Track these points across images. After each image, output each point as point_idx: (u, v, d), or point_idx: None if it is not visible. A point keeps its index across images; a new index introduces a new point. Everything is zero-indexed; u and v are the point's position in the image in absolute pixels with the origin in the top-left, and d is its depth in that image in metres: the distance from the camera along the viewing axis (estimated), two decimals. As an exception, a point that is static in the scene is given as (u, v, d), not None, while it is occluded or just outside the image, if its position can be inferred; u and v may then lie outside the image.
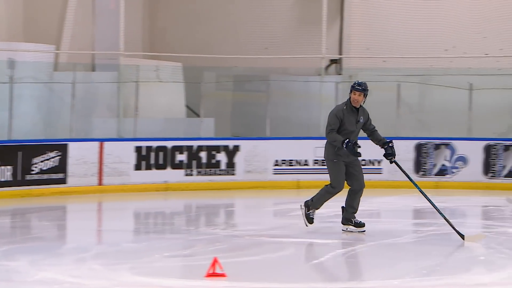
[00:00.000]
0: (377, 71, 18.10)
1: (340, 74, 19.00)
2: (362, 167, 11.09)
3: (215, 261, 7.95)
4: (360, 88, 10.67)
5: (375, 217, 13.64)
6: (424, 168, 16.71)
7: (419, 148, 16.75)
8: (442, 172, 16.65)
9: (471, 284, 7.82)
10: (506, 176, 16.33)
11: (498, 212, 13.22)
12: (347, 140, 10.39)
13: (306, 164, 16.66)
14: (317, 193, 10.76)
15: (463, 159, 16.58)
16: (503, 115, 17.44)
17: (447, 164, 16.65)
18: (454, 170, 16.62)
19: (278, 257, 9.27)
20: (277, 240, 10.26)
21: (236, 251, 9.64)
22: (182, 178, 16.18)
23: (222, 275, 7.90)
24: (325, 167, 13.72)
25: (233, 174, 16.48)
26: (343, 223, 10.65)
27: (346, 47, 19.35)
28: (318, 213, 13.11)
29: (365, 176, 16.32)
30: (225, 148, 16.49)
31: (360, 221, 10.57)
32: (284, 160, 16.65)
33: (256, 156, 16.61)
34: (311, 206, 10.73)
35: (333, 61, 19.28)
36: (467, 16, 18.92)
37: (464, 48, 18.57)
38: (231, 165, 16.46)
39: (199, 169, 16.27)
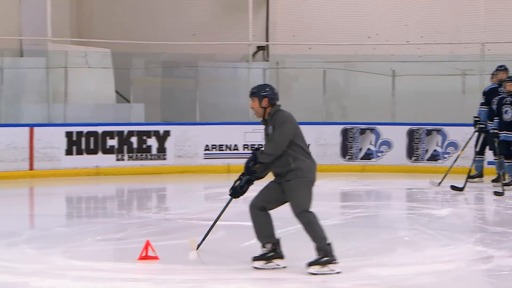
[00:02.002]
0: (303, 57, 18.21)
1: (267, 61, 19.07)
2: None
3: (147, 244, 7.93)
4: (250, 93, 8.03)
5: (303, 200, 13.73)
6: (351, 153, 16.89)
7: (345, 133, 16.92)
8: (368, 156, 16.86)
9: (396, 264, 7.95)
10: (428, 159, 16.61)
11: (422, 195, 13.43)
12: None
13: (236, 149, 16.70)
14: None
15: (387, 143, 16.81)
16: (424, 100, 17.70)
17: (372, 148, 16.86)
18: (379, 154, 16.84)
19: (209, 240, 9.27)
20: (208, 223, 10.23)
21: (168, 234, 9.63)
22: (114, 163, 16.07)
23: (154, 257, 7.89)
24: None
25: (164, 159, 16.43)
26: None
27: (272, 34, 19.42)
28: (248, 196, 13.14)
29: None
30: (156, 133, 16.41)
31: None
32: (214, 145, 16.65)
33: (186, 141, 16.58)
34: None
35: (260, 48, 19.32)
36: (389, 5, 19.16)
37: (387, 35, 18.80)
38: (162, 150, 16.40)
39: (130, 154, 16.17)
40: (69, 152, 15.61)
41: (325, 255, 7.51)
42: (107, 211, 12.07)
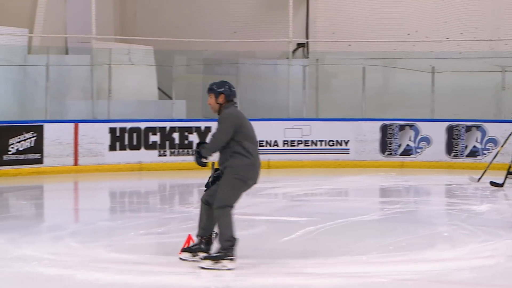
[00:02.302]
0: (342, 54, 18.14)
1: (306, 58, 19.02)
2: (331, 147, 10.29)
3: (189, 238, 7.95)
4: (207, 89, 8.10)
5: (343, 196, 13.74)
6: (390, 149, 16.81)
7: (384, 129, 16.83)
8: (407, 152, 16.76)
9: (435, 260, 7.90)
10: (467, 155, 16.47)
11: (461, 190, 13.33)
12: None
13: (276, 145, 16.69)
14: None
15: (426, 140, 16.69)
16: (464, 97, 17.56)
17: (412, 144, 16.76)
18: (418, 150, 16.73)
19: (250, 234, 9.29)
20: (249, 218, 10.28)
21: (209, 229, 9.63)
22: (156, 158, 16.16)
23: (196, 251, 7.91)
24: (294, 147, 13.78)
25: (205, 155, 16.43)
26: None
27: (312, 31, 19.36)
28: (288, 191, 13.16)
29: (333, 156, 16.41)
30: (197, 129, 16.47)
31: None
32: (255, 141, 16.62)
33: (227, 137, 16.57)
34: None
35: (300, 45, 19.28)
36: (429, 2, 19.00)
37: (426, 32, 18.66)
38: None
39: (172, 150, 16.25)
40: (112, 147, 15.73)
41: (220, 251, 7.50)
42: (149, 206, 12.13)
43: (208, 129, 16.50)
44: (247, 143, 7.88)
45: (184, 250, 7.78)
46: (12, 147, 14.86)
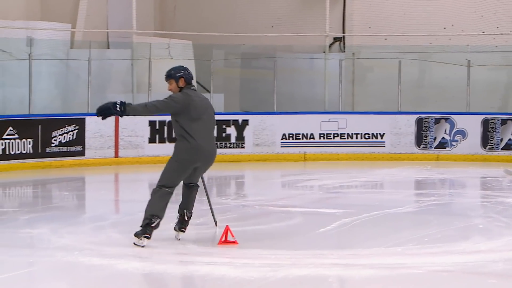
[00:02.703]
0: (379, 48, 18.05)
1: (343, 52, 18.96)
2: (366, 140, 10.47)
3: (227, 230, 7.99)
4: (165, 76, 8.38)
5: (378, 188, 13.69)
6: (425, 141, 16.71)
7: (420, 122, 16.74)
8: (442, 145, 16.65)
9: (470, 251, 7.85)
10: (503, 148, 16.33)
11: (496, 183, 13.22)
12: None
13: (312, 138, 16.67)
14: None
15: (462, 133, 16.57)
16: (499, 91, 17.41)
17: (447, 137, 16.64)
18: (453, 143, 16.61)
19: (286, 226, 9.31)
20: (285, 210, 10.30)
21: (247, 220, 9.67)
22: (194, 151, 16.20)
23: (234, 242, 7.95)
24: (330, 140, 13.60)
25: (242, 147, 16.51)
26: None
27: (348, 26, 19.28)
28: (324, 184, 13.16)
29: (368, 149, 16.44)
30: (235, 122, 16.50)
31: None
32: (291, 134, 16.66)
33: (264, 130, 16.64)
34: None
35: (336, 39, 19.21)
36: (465, -5, 18.86)
37: (462, 26, 18.50)
38: (240, 138, 16.49)
39: (210, 142, 16.29)
40: (152, 140, 15.81)
41: (141, 227, 7.87)
42: (188, 197, 12.16)
43: (245, 122, 16.53)
44: (193, 126, 8.04)
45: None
46: (55, 140, 15.02)
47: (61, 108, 16.41)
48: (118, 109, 7.94)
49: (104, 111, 8.03)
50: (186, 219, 8.34)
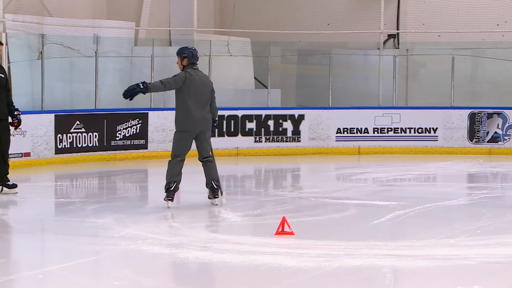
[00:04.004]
0: (432, 45, 17.89)
1: (397, 48, 18.80)
2: (419, 134, 10.59)
3: (283, 221, 7.99)
4: (176, 52, 9.55)
5: (431, 181, 13.56)
6: (478, 136, 16.51)
7: (472, 117, 16.55)
8: (495, 139, 16.43)
9: (523, 244, 7.73)
10: (556, 142, 16.06)
11: (549, 177, 13.01)
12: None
13: (366, 132, 16.59)
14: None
15: (514, 127, 16.35)
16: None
17: (499, 132, 16.41)
18: (506, 138, 16.37)
19: (341, 217, 9.28)
20: (340, 202, 10.26)
21: (302, 212, 9.66)
22: (252, 145, 16.28)
23: (290, 233, 7.94)
24: (384, 135, 13.42)
25: (298, 141, 16.51)
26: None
27: (402, 23, 19.11)
28: (377, 176, 13.10)
29: (421, 143, 16.34)
30: (291, 117, 16.50)
31: None
32: (346, 128, 16.60)
33: (319, 124, 16.61)
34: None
35: (391, 36, 19.06)
36: (518, -8, 18.55)
37: (515, 22, 18.25)
38: (296, 132, 16.49)
39: (267, 136, 16.33)
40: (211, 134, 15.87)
41: (165, 193, 9.45)
42: (245, 189, 12.22)
43: (301, 116, 16.51)
44: (189, 100, 9.35)
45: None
46: (119, 133, 15.19)
47: (125, 103, 16.54)
48: (141, 86, 9.16)
49: (130, 92, 9.25)
50: (215, 186, 9.65)
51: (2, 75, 10.63)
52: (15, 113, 10.70)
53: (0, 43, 10.99)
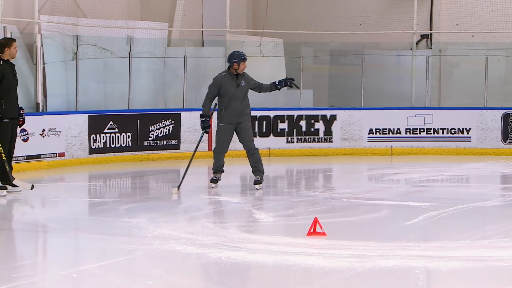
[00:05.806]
0: (466, 45, 17.77)
1: (430, 48, 18.69)
2: (452, 135, 10.67)
3: (315, 221, 7.98)
4: (246, 58, 11.33)
5: (464, 182, 13.46)
6: (511, 137, 16.37)
7: (506, 118, 16.42)
8: (528, 140, 16.29)
9: (558, 245, 7.65)
10: None
11: None
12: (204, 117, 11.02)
13: (399, 133, 16.52)
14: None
15: (548, 128, 16.19)
16: None
17: (533, 132, 16.28)
18: (539, 138, 16.24)
19: (373, 218, 9.25)
20: (372, 203, 10.22)
21: (334, 212, 9.65)
22: (284, 145, 16.27)
23: (322, 233, 7.93)
24: (416, 135, 13.33)
25: (330, 142, 16.48)
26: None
27: (436, 23, 18.99)
28: (410, 177, 13.04)
29: (454, 144, 16.22)
30: (323, 117, 16.47)
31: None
32: (378, 129, 16.54)
33: (352, 124, 16.56)
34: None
35: (424, 36, 18.95)
36: (553, -8, 18.36)
37: (551, 22, 18.06)
38: (328, 133, 16.46)
39: (299, 137, 16.32)
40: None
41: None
42: (277, 190, 12.22)
43: (333, 117, 16.48)
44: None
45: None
46: (152, 134, 15.27)
47: (158, 104, 16.66)
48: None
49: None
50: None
51: (16, 74, 10.68)
52: (20, 111, 10.76)
53: (12, 39, 10.89)
